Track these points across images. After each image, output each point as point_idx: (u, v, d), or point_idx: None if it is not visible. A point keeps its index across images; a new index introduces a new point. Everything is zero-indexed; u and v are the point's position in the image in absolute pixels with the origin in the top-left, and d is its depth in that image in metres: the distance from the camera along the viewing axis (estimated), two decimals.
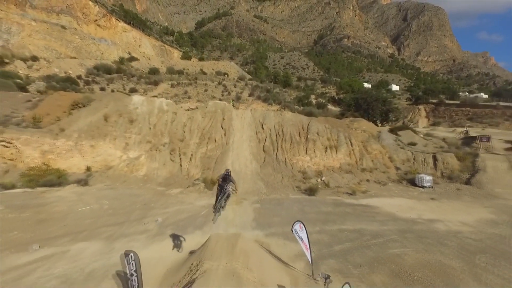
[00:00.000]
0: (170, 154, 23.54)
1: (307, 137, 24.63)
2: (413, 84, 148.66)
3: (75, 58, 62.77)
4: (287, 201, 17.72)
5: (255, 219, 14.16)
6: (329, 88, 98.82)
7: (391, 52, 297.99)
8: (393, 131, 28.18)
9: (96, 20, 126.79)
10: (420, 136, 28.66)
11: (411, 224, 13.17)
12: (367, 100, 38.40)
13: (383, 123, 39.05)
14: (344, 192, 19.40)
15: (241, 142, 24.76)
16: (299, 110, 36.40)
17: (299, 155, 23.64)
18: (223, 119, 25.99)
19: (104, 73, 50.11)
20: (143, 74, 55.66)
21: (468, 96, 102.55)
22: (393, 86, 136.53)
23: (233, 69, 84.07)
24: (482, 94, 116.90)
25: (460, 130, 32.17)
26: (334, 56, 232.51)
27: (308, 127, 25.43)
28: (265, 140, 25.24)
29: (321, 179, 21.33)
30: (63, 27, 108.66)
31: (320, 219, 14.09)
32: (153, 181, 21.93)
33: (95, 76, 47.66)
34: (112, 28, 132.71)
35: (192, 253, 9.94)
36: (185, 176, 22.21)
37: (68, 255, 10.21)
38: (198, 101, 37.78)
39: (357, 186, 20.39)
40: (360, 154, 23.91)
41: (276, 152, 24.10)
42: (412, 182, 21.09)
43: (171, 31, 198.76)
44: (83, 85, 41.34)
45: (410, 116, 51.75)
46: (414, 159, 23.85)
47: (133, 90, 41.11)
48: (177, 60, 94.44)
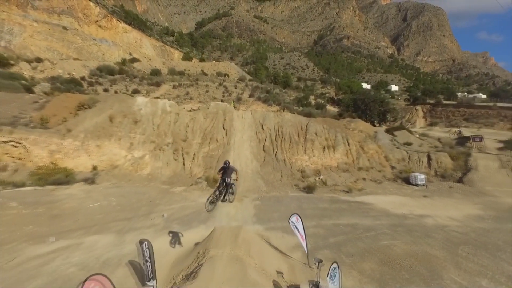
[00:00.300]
0: (174, 154, 24.37)
1: (306, 137, 25.46)
2: (412, 84, 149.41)
3: (78, 59, 63.56)
4: (286, 198, 18.55)
5: (255, 214, 15.00)
6: (328, 88, 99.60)
7: (390, 52, 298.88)
8: (389, 131, 28.99)
9: (97, 20, 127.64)
10: (416, 136, 29.47)
11: (402, 219, 14.00)
12: (365, 101, 39.24)
13: (381, 124, 39.89)
14: (340, 190, 20.21)
15: (242, 142, 25.58)
16: (299, 110, 37.23)
17: (298, 154, 24.47)
18: (225, 119, 26.82)
19: (107, 74, 50.97)
20: (145, 75, 56.50)
21: (466, 97, 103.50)
22: (392, 87, 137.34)
23: (233, 69, 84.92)
24: (480, 94, 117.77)
25: (453, 130, 33.02)
26: (334, 56, 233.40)
27: (306, 127, 26.26)
28: (265, 140, 26.06)
29: (319, 178, 22.15)
30: (64, 28, 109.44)
31: (317, 214, 14.92)
32: (157, 179, 22.76)
33: (98, 77, 48.54)
34: (113, 29, 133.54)
35: (198, 244, 10.76)
36: (188, 175, 23.04)
37: (82, 247, 11.05)
38: (200, 102, 38.63)
39: (353, 184, 21.24)
40: (357, 154, 24.74)
41: (276, 151, 24.92)
42: (407, 181, 21.91)
43: (172, 31, 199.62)
44: (87, 86, 42.19)
45: (408, 116, 52.59)
46: (409, 158, 24.67)
47: (135, 91, 41.95)
48: (178, 61, 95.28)
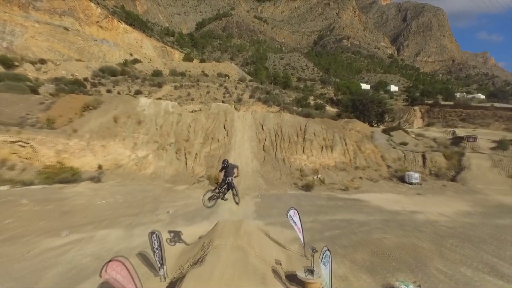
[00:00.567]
0: (176, 153, 25.14)
1: (304, 137, 26.24)
2: (411, 84, 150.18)
3: (81, 60, 64.34)
4: (285, 196, 19.32)
5: (256, 211, 15.78)
6: (328, 89, 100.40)
7: (390, 52, 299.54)
8: (386, 131, 29.77)
9: (98, 21, 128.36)
10: (412, 136, 30.24)
11: (395, 215, 14.78)
12: (363, 102, 39.99)
13: (379, 124, 40.65)
14: (338, 188, 21.00)
15: (242, 142, 26.36)
16: (298, 111, 38.01)
17: (296, 154, 25.24)
18: (226, 120, 27.59)
19: (109, 75, 51.74)
20: (146, 76, 57.29)
21: (465, 97, 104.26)
22: (391, 87, 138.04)
23: (233, 70, 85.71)
24: (479, 94, 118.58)
25: (448, 130, 33.78)
26: (333, 56, 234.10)
27: (305, 128, 27.03)
28: (265, 140, 26.83)
29: (317, 177, 22.93)
30: (65, 28, 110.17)
31: (314, 211, 15.70)
32: (160, 178, 23.53)
33: (100, 78, 49.33)
34: (114, 30, 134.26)
35: (202, 237, 11.54)
36: (190, 174, 23.81)
37: (94, 239, 11.83)
38: (201, 102, 39.39)
39: (350, 182, 22.01)
40: (354, 153, 25.51)
41: (275, 151, 25.69)
42: (402, 179, 22.68)
43: (172, 32, 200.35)
44: (90, 87, 42.97)
45: (406, 116, 53.35)
46: (404, 157, 25.43)
47: (138, 92, 42.71)
48: (179, 62, 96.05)
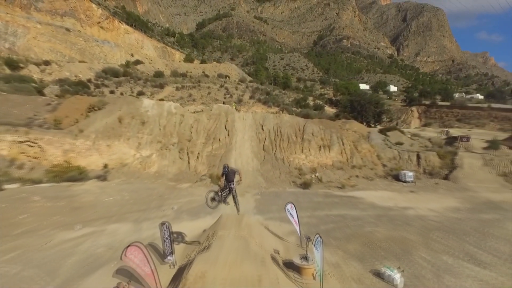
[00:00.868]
0: (179, 153, 26.02)
1: (303, 137, 27.12)
2: (411, 85, 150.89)
3: (84, 61, 65.22)
4: (284, 193, 20.19)
5: (256, 207, 16.67)
6: (327, 89, 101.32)
7: (390, 52, 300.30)
8: (382, 131, 30.63)
9: (99, 22, 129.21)
10: (408, 136, 31.10)
11: (387, 211, 15.66)
12: (361, 103, 40.84)
13: (376, 124, 41.51)
14: (334, 186, 21.88)
15: (243, 142, 27.23)
16: (297, 112, 38.87)
17: (295, 153, 26.12)
18: (227, 121, 28.47)
19: (112, 76, 52.61)
20: (148, 77, 58.17)
21: (464, 97, 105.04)
22: (391, 87, 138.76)
23: (234, 71, 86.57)
24: (478, 95, 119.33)
25: (438, 130, 34.61)
26: (333, 57, 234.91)
27: (304, 128, 27.91)
28: (264, 140, 27.71)
29: (315, 175, 23.81)
30: (67, 29, 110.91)
31: (312, 207, 16.58)
32: (164, 177, 24.41)
33: (103, 79, 50.18)
34: (115, 30, 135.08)
35: (206, 230, 12.41)
36: (193, 173, 24.70)
37: (106, 232, 12.71)
38: (202, 103, 40.25)
39: (346, 181, 22.89)
40: (351, 153, 26.38)
41: (275, 151, 26.57)
42: (397, 178, 23.54)
43: (172, 32, 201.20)
44: (94, 88, 43.85)
45: (403, 117, 54.21)
46: (400, 157, 26.31)
47: (140, 93, 43.59)
48: (180, 63, 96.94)
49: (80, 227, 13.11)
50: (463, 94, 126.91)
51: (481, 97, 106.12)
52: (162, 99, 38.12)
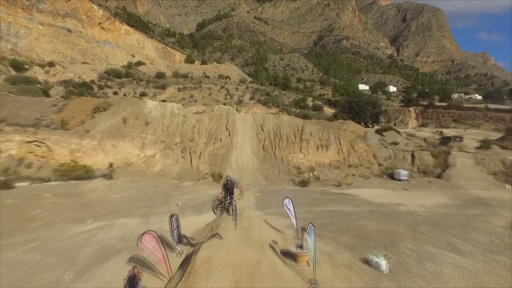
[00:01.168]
0: (182, 152, 26.94)
1: (301, 137, 28.03)
2: (410, 85, 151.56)
3: (87, 63, 66.19)
4: (283, 191, 21.07)
5: (256, 203, 17.60)
6: (327, 89, 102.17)
7: (390, 53, 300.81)
8: (379, 131, 31.54)
9: (100, 23, 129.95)
10: (404, 136, 32.01)
11: (380, 207, 16.58)
12: (359, 103, 41.71)
13: (374, 124, 42.39)
14: (331, 184, 22.80)
15: (243, 142, 28.15)
16: (296, 112, 39.77)
17: (294, 153, 27.04)
18: (228, 121, 29.37)
19: (115, 77, 53.53)
20: (150, 78, 59.09)
21: (462, 97, 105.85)
22: (390, 88, 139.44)
23: (234, 72, 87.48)
24: (476, 95, 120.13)
25: (433, 130, 35.54)
26: (333, 57, 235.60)
27: (302, 128, 28.82)
28: (264, 140, 28.62)
29: (312, 174, 24.73)
30: (69, 30, 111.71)
31: (309, 203, 17.50)
32: (167, 175, 25.33)
33: (106, 80, 51.09)
34: (116, 31, 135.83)
35: (209, 224, 13.33)
36: (195, 171, 25.62)
37: (116, 226, 13.64)
38: (204, 104, 41.15)
39: (343, 179, 23.81)
40: (347, 152, 27.29)
41: (274, 150, 27.49)
42: (391, 176, 24.46)
43: (173, 32, 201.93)
44: (97, 89, 44.78)
45: (401, 117, 55.13)
46: (395, 156, 27.22)
47: (143, 94, 44.49)
48: (181, 64, 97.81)
49: (91, 221, 14.04)
50: (462, 94, 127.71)
51: (479, 97, 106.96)
52: (164, 100, 39.02)
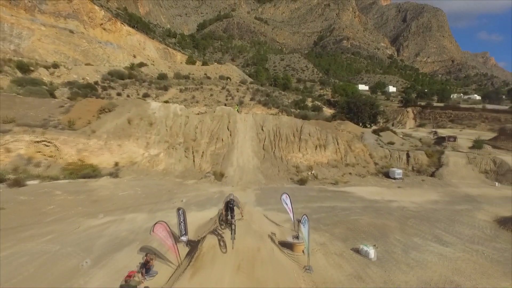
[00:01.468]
0: (185, 152, 27.90)
1: (300, 137, 28.97)
2: (409, 85, 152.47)
3: (90, 64, 67.28)
4: (282, 189, 21.99)
5: (256, 200, 18.56)
6: (327, 90, 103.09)
7: (390, 53, 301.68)
8: (375, 132, 32.47)
9: (102, 24, 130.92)
10: (400, 136, 32.93)
11: (373, 203, 17.52)
12: (357, 104, 42.67)
13: (372, 125, 43.33)
14: (329, 183, 23.75)
15: (244, 142, 29.11)
16: (296, 113, 40.71)
17: (293, 152, 27.99)
18: (229, 122, 30.34)
19: (118, 78, 54.55)
20: (152, 79, 60.10)
21: (461, 98, 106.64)
22: (390, 88, 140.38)
23: (235, 72, 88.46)
24: (475, 95, 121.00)
25: (429, 130, 36.48)
26: (333, 57, 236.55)
27: (301, 129, 29.76)
28: (264, 140, 29.58)
29: (311, 172, 25.67)
30: (71, 31, 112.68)
31: (306, 200, 18.45)
32: (171, 174, 26.30)
33: (110, 81, 52.12)
34: (117, 32, 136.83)
35: (212, 219, 14.28)
36: (197, 170, 26.58)
37: (126, 220, 14.60)
38: (205, 105, 42.11)
39: (340, 177, 24.76)
40: (345, 152, 28.23)
41: (274, 150, 28.44)
42: (387, 175, 25.37)
43: (174, 33, 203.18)
44: (101, 90, 45.78)
45: (399, 117, 56.04)
46: (390, 156, 28.14)
47: (146, 95, 45.48)
48: (182, 65, 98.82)
49: (102, 216, 15.01)
50: (461, 94, 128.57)
51: (478, 97, 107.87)
52: (167, 101, 39.97)
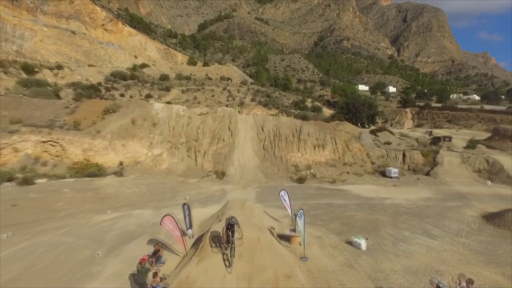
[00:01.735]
0: (187, 152, 28.72)
1: (299, 137, 29.77)
2: (409, 86, 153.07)
3: (93, 65, 68.15)
4: (281, 187, 22.67)
5: (256, 197, 19.38)
6: (327, 90, 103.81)
7: (390, 53, 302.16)
8: (373, 132, 33.25)
9: (103, 24, 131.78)
10: (397, 136, 33.69)
11: (368, 200, 18.31)
12: (355, 105, 43.43)
13: (370, 125, 44.07)
14: (327, 181, 24.54)
15: (245, 142, 29.92)
16: (295, 113, 41.50)
17: (292, 152, 28.79)
18: (230, 122, 31.15)
19: (120, 79, 55.42)
20: (155, 80, 60.95)
21: (461, 98, 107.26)
22: (390, 88, 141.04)
23: (235, 73, 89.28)
24: (475, 96, 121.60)
25: (424, 130, 37.25)
26: (334, 57, 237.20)
27: (300, 129, 30.56)
28: (264, 140, 30.38)
29: (309, 171, 26.47)
30: (72, 32, 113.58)
31: (305, 197, 19.25)
32: (173, 173, 27.11)
33: (113, 82, 52.97)
34: (119, 32, 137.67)
35: (214, 214, 15.09)
36: (199, 169, 27.39)
37: (133, 216, 15.42)
38: (207, 106, 42.94)
39: (338, 176, 25.54)
40: (342, 151, 29.02)
41: (274, 149, 29.24)
42: (383, 174, 26.13)
43: (174, 33, 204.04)
44: (104, 91, 46.63)
45: (397, 118, 56.78)
46: (387, 155, 28.90)
47: (148, 96, 46.30)
48: (183, 66, 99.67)
49: (110, 212, 15.83)
50: (461, 95, 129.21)
51: (478, 98, 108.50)
52: (169, 102, 40.77)
